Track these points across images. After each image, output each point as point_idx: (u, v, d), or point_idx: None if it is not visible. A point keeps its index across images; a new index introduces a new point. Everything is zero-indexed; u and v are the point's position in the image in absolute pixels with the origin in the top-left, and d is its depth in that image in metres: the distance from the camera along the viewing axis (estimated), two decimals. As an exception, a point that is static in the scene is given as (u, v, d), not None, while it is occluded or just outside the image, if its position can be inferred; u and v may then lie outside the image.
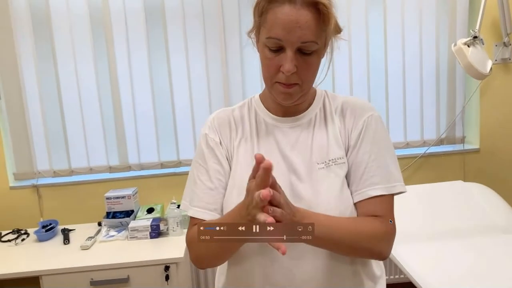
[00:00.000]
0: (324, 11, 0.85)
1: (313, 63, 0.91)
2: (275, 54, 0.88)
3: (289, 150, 0.98)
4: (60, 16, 2.29)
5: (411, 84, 2.47)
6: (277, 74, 0.90)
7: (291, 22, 0.84)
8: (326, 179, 0.94)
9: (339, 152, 0.97)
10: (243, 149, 1.00)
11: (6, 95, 2.33)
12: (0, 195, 2.38)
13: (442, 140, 2.52)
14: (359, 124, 0.98)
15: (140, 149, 2.43)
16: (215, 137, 1.01)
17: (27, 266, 1.88)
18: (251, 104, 1.06)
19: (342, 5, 2.36)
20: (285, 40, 0.86)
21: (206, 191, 0.98)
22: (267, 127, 1.01)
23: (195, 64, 2.38)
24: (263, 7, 0.88)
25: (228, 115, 1.05)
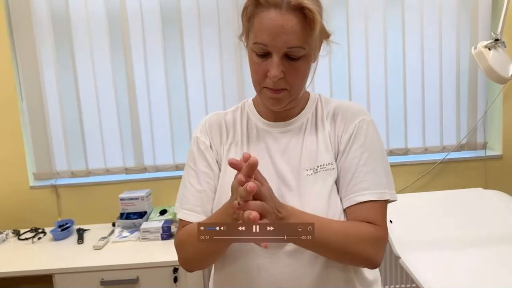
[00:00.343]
0: (309, 16, 0.83)
1: (301, 68, 0.90)
2: (262, 59, 0.88)
3: (279, 156, 0.97)
4: (80, 21, 2.35)
5: (430, 87, 2.40)
6: (265, 79, 0.89)
7: (277, 27, 0.83)
8: (313, 186, 0.93)
9: (327, 157, 0.95)
10: (233, 153, 0.99)
11: (28, 98, 2.40)
12: (20, 195, 2.45)
13: (462, 146, 2.44)
14: (350, 129, 0.96)
15: (156, 151, 2.45)
16: (205, 140, 1.01)
17: (41, 264, 1.93)
18: (244, 108, 1.05)
19: (360, 6, 2.33)
20: (271, 45, 0.85)
21: (194, 193, 0.98)
22: (258, 132, 1.01)
23: (210, 68, 2.39)
24: (251, 12, 0.88)
25: (220, 119, 1.04)
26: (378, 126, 2.48)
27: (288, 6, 0.83)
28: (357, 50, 2.37)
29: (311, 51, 0.89)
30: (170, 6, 2.34)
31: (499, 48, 2.11)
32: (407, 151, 2.44)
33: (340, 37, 2.36)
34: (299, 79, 0.91)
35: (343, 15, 2.34)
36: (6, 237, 2.25)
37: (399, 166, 2.45)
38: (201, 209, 0.97)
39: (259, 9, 0.86)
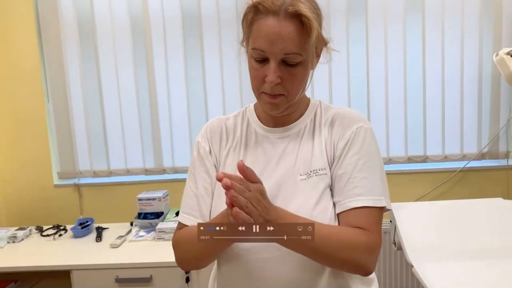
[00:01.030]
0: (306, 23, 0.85)
1: (298, 74, 0.91)
2: (261, 65, 0.90)
3: (275, 161, 0.98)
4: (104, 26, 2.43)
5: (451, 94, 2.36)
6: (263, 84, 0.92)
7: (274, 34, 0.86)
8: (304, 191, 0.94)
9: (321, 163, 0.96)
10: (231, 158, 1.02)
11: (53, 99, 2.49)
12: (45, 193, 2.54)
13: (483, 154, 2.39)
14: (347, 135, 0.96)
15: (174, 153, 2.50)
16: (205, 146, 1.04)
17: (60, 260, 2.00)
18: (245, 113, 1.08)
19: (379, 12, 2.31)
20: (268, 51, 0.87)
21: (192, 197, 1.01)
22: (257, 137, 1.02)
23: (228, 71, 2.42)
24: (251, 19, 0.90)
25: (221, 124, 1.07)
26: (396, 132, 2.46)
27: (285, 13, 0.85)
28: (376, 56, 2.35)
29: (308, 57, 0.90)
30: (191, 10, 2.39)
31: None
32: (426, 158, 2.40)
33: (359, 43, 2.35)
34: (296, 85, 0.92)
35: (362, 22, 2.34)
36: (30, 233, 2.34)
37: (418, 173, 2.41)
38: (198, 213, 0.99)
39: (258, 16, 0.88)
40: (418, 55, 2.34)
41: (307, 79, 0.95)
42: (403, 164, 2.42)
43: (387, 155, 2.41)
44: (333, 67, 2.35)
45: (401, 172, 2.40)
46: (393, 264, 2.21)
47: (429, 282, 1.68)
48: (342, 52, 2.34)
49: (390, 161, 2.41)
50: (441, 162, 2.41)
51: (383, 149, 2.40)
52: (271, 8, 0.86)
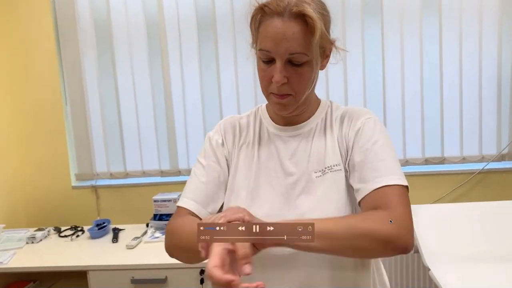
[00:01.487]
0: (310, 22, 0.86)
1: (304, 74, 0.92)
2: (268, 65, 0.92)
3: (288, 158, 1.00)
4: (120, 30, 2.46)
5: (469, 93, 2.32)
6: (270, 85, 0.93)
7: (278, 34, 0.87)
8: (320, 187, 0.95)
9: (335, 159, 0.97)
10: (243, 154, 1.03)
11: (71, 102, 2.54)
12: (63, 194, 2.59)
13: (503, 155, 2.34)
14: (357, 126, 0.97)
15: (190, 155, 2.52)
16: (218, 139, 1.06)
17: (77, 261, 2.02)
18: (257, 112, 1.09)
19: (394, 12, 2.29)
20: (274, 52, 0.89)
21: (198, 184, 1.02)
22: (269, 136, 1.04)
23: (243, 73, 2.43)
24: (258, 21, 0.92)
25: (235, 122, 1.09)
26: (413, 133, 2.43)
27: (290, 14, 0.87)
28: (392, 57, 2.33)
29: (314, 57, 0.91)
30: (205, 13, 2.40)
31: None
32: (444, 160, 2.36)
33: (375, 44, 2.33)
34: (303, 84, 0.93)
35: (377, 23, 2.31)
36: (48, 233, 2.37)
37: (435, 175, 2.37)
38: (201, 199, 1.00)
39: (264, 17, 0.90)
40: (434, 55, 2.31)
41: (314, 79, 0.95)
42: (420, 166, 2.39)
43: (403, 156, 2.38)
44: (348, 68, 2.34)
45: (418, 174, 2.37)
46: (410, 267, 2.18)
47: (446, 285, 1.65)
48: (358, 53, 2.32)
49: (407, 163, 2.38)
50: (459, 164, 2.37)
51: (400, 150, 2.37)
52: (276, 9, 0.88)
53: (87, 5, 2.45)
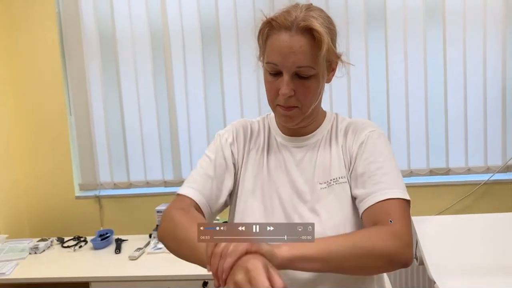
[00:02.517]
0: (317, 36, 0.87)
1: (311, 87, 0.93)
2: (275, 78, 0.93)
3: (294, 169, 1.01)
4: (125, 41, 2.48)
5: (474, 104, 2.31)
6: (277, 97, 0.94)
7: (286, 47, 0.89)
8: (326, 199, 0.96)
9: (340, 171, 0.98)
10: (252, 159, 1.04)
11: (76, 112, 2.55)
12: (66, 204, 2.58)
13: (509, 166, 2.32)
14: (361, 138, 0.98)
15: (193, 165, 2.50)
16: (229, 138, 1.07)
17: (79, 272, 2.02)
18: (266, 120, 1.11)
19: (398, 23, 2.29)
20: (281, 65, 0.90)
21: (203, 176, 1.01)
22: (277, 145, 1.05)
23: (246, 84, 2.43)
24: (265, 34, 0.93)
25: (247, 125, 1.10)
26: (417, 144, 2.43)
27: (297, 28, 0.88)
28: (396, 68, 2.33)
29: (320, 70, 0.92)
30: (209, 25, 2.42)
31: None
32: (449, 171, 2.35)
33: (379, 55, 2.34)
34: (310, 97, 0.94)
35: (381, 34, 2.32)
36: (51, 244, 2.37)
37: (440, 186, 2.36)
38: (204, 191, 0.99)
39: (272, 31, 0.92)
40: (439, 65, 2.31)
41: (320, 92, 0.96)
42: (425, 177, 2.37)
43: (408, 167, 2.36)
44: (352, 79, 2.34)
45: (423, 185, 2.35)
46: (415, 279, 2.16)
47: (452, 299, 1.63)
48: (361, 64, 2.32)
49: (411, 174, 2.37)
50: (465, 175, 2.35)
51: (404, 161, 2.35)
52: (283, 23, 0.89)
53: (92, 16, 2.47)
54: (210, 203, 1.00)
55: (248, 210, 0.99)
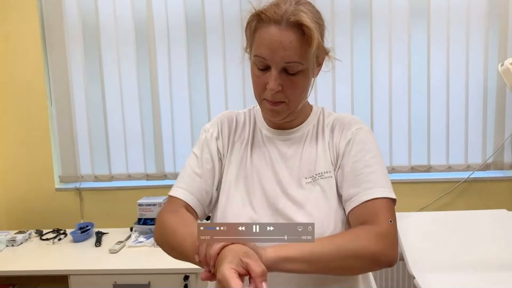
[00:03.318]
0: (307, 32, 0.86)
1: (299, 83, 0.92)
2: (263, 72, 0.92)
3: (279, 162, 1.00)
4: (108, 30, 2.43)
5: (456, 103, 2.34)
6: (265, 91, 0.93)
7: (275, 42, 0.87)
8: (311, 193, 0.95)
9: (326, 166, 0.97)
10: (237, 150, 1.04)
11: (56, 103, 2.50)
12: (46, 196, 2.54)
13: (488, 165, 2.36)
14: (348, 135, 0.98)
15: (176, 158, 2.49)
16: (214, 132, 1.06)
17: (58, 264, 1.99)
18: (252, 112, 1.10)
19: (383, 21, 2.31)
20: (270, 59, 0.89)
21: (191, 175, 1.01)
22: (262, 137, 1.04)
23: (232, 77, 2.42)
24: (254, 27, 0.92)
25: (233, 116, 1.09)
26: (400, 141, 2.45)
27: (287, 23, 0.87)
28: (380, 65, 2.34)
29: (309, 66, 0.91)
30: (195, 16, 2.39)
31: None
32: (430, 168, 2.38)
33: (364, 52, 2.34)
34: (297, 93, 0.93)
35: (366, 31, 2.33)
36: (29, 236, 2.33)
37: (421, 183, 2.39)
38: (193, 190, 0.99)
39: (260, 24, 0.90)
40: (422, 64, 2.33)
41: (308, 87, 0.96)
42: (406, 174, 2.40)
43: (390, 164, 2.39)
44: (337, 75, 2.35)
45: (404, 182, 2.38)
46: (395, 275, 2.18)
47: (431, 294, 1.65)
48: (346, 60, 2.33)
49: (393, 170, 2.39)
50: (445, 172, 2.38)
51: (386, 158, 2.38)
52: (273, 17, 0.87)
53: (75, 6, 2.42)
54: (201, 201, 1.00)
55: (231, 202, 0.98)
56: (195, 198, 0.99)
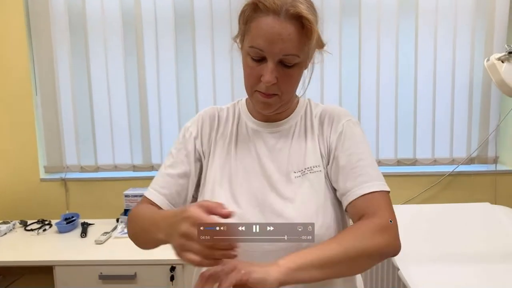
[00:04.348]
0: (307, 25, 0.84)
1: (294, 75, 0.91)
2: (257, 63, 0.89)
3: (266, 156, 0.98)
4: (95, 19, 2.40)
5: (442, 98, 2.36)
6: (258, 83, 0.91)
7: (274, 34, 0.84)
8: (300, 187, 0.94)
9: (315, 160, 0.96)
10: (220, 148, 1.02)
11: (42, 92, 2.46)
12: (31, 187, 2.51)
13: (472, 159, 2.39)
14: (338, 128, 0.97)
15: (164, 150, 2.48)
16: (193, 131, 1.04)
17: (42, 255, 1.97)
18: (236, 106, 1.08)
19: (372, 16, 2.31)
20: (267, 51, 0.86)
21: (164, 176, 1.01)
22: (247, 131, 1.03)
23: (220, 69, 2.40)
24: (249, 16, 0.88)
25: (215, 112, 1.07)
26: (386, 135, 2.46)
27: (286, 14, 0.84)
28: (369, 59, 2.35)
29: (305, 59, 0.90)
30: (183, 6, 2.37)
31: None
32: (416, 161, 2.40)
33: (352, 46, 2.35)
34: (291, 85, 0.93)
35: (355, 25, 2.33)
36: (13, 227, 2.30)
37: (407, 176, 2.41)
38: (165, 191, 0.99)
39: (257, 13, 0.87)
40: (410, 59, 2.35)
41: (300, 80, 0.95)
42: (392, 167, 2.42)
43: (376, 157, 2.40)
44: (326, 69, 2.35)
45: (390, 175, 2.40)
46: (379, 266, 2.21)
47: (414, 285, 1.68)
48: (335, 55, 2.34)
49: (379, 163, 2.41)
50: (431, 166, 2.41)
51: (373, 151, 2.39)
52: (272, 7, 0.84)
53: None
54: (172, 202, 0.99)
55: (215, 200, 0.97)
56: (165, 199, 0.98)
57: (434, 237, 2.00)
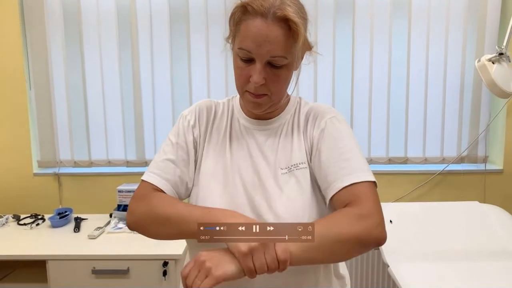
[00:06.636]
0: (293, 28, 0.86)
1: (282, 76, 0.93)
2: (246, 64, 0.91)
3: (256, 152, 1.01)
4: (90, 16, 2.40)
5: (433, 98, 2.39)
6: (247, 83, 0.93)
7: (262, 36, 0.87)
8: (287, 184, 0.96)
9: (300, 157, 0.99)
10: (215, 140, 1.04)
11: (36, 86, 2.46)
12: (24, 181, 2.51)
13: (463, 158, 2.43)
14: (321, 124, 0.99)
15: (157, 146, 2.49)
16: (191, 120, 1.05)
17: (36, 250, 1.97)
18: (231, 102, 1.10)
19: (365, 16, 2.33)
20: (255, 53, 0.88)
21: (166, 161, 1.00)
22: (240, 128, 1.05)
23: (214, 65, 2.41)
24: (238, 18, 0.91)
25: (212, 106, 1.09)
26: (378, 133, 2.48)
27: (273, 17, 0.86)
28: (362, 59, 2.37)
29: (293, 60, 0.92)
30: (178, 3, 2.38)
31: (503, 62, 2.10)
32: (407, 160, 2.43)
33: (345, 45, 2.37)
34: (280, 86, 0.95)
35: (349, 25, 2.35)
36: (6, 221, 2.30)
37: (398, 174, 2.44)
38: (167, 176, 0.98)
39: (246, 16, 0.89)
40: (402, 59, 2.37)
41: (290, 81, 0.97)
42: (383, 165, 2.45)
43: (368, 155, 2.43)
44: (319, 69, 2.37)
45: (381, 173, 2.43)
46: (370, 263, 2.24)
47: (404, 282, 1.71)
48: (328, 53, 2.35)
49: (371, 162, 2.44)
50: (421, 164, 2.44)
51: (365, 149, 2.42)
52: (259, 10, 0.86)
53: (56, -12, 2.38)
54: (175, 188, 0.98)
55: (209, 192, 0.98)
56: (169, 184, 0.97)
57: (423, 235, 2.03)
